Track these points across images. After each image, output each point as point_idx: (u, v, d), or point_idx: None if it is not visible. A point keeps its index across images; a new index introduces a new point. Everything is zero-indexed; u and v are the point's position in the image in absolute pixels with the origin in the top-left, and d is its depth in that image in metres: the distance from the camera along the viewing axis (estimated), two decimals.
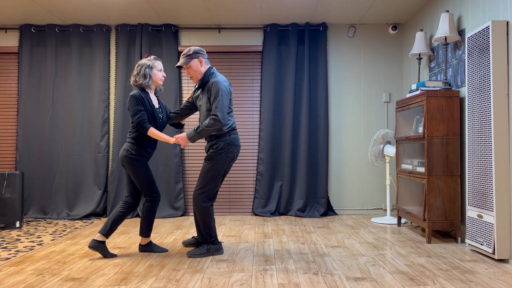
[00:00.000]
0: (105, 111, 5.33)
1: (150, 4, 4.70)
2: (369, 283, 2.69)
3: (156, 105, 3.50)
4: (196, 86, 3.43)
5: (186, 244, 3.69)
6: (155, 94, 3.56)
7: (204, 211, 3.33)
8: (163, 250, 3.52)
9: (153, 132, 3.31)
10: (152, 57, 3.50)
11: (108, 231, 3.34)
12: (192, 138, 3.27)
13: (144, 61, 3.44)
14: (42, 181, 5.28)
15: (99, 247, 3.33)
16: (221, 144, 3.30)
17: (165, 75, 3.54)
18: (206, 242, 3.39)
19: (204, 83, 3.37)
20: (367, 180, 5.42)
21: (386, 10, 4.95)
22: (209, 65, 3.43)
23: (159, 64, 3.48)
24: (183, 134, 3.31)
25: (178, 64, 3.40)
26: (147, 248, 3.50)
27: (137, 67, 3.43)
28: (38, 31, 5.38)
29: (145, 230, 3.47)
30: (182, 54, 3.41)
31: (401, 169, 4.51)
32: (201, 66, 3.38)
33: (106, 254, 3.34)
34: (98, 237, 3.34)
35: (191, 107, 3.61)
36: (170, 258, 3.33)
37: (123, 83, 5.32)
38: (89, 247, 3.30)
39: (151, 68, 3.43)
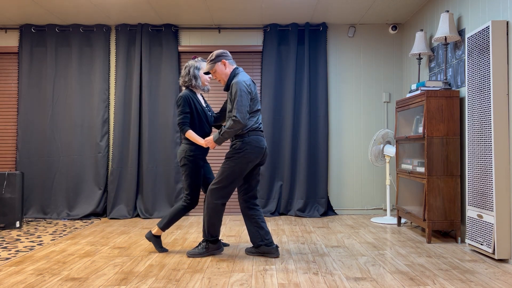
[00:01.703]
0: (105, 111, 5.34)
1: (150, 4, 4.70)
2: (369, 283, 2.69)
3: (203, 104, 3.59)
4: (224, 89, 3.44)
5: (249, 252, 3.49)
6: (201, 94, 3.66)
7: (214, 207, 3.31)
8: (163, 250, 3.52)
9: (190, 134, 3.41)
10: (199, 58, 3.60)
11: (164, 226, 3.48)
12: (218, 141, 3.29)
13: (191, 62, 3.54)
14: (42, 181, 5.28)
15: (151, 239, 3.54)
16: (239, 144, 3.27)
17: (211, 76, 3.59)
18: (205, 241, 3.39)
19: (228, 85, 3.37)
20: (367, 180, 5.42)
21: (386, 10, 4.95)
22: (235, 66, 3.42)
23: (204, 65, 3.57)
24: (210, 137, 3.35)
25: (204, 70, 3.44)
26: (153, 240, 3.52)
27: (185, 68, 3.54)
28: (38, 31, 5.38)
29: (164, 224, 3.48)
30: (207, 60, 3.44)
31: (401, 169, 4.51)
32: (225, 68, 3.36)
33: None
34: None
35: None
36: (170, 258, 3.33)
37: (123, 83, 5.32)
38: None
39: (198, 69, 3.53)
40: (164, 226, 3.47)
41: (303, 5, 4.75)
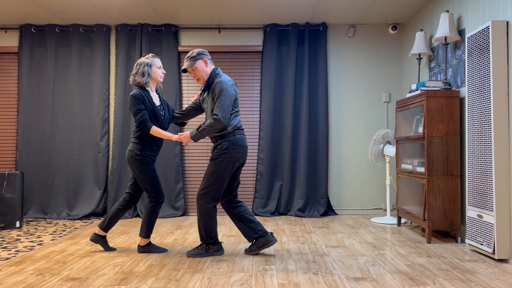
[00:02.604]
0: (105, 111, 5.34)
1: (150, 4, 4.70)
2: (369, 283, 2.69)
3: (157, 103, 3.50)
4: (202, 88, 3.40)
5: (248, 251, 3.45)
6: (156, 92, 3.57)
7: (207, 211, 3.30)
8: (163, 250, 3.51)
9: (155, 130, 3.33)
10: (150, 55, 3.51)
11: (106, 226, 3.51)
12: (195, 137, 3.27)
13: (142, 59, 3.46)
14: (42, 181, 5.28)
15: (99, 240, 3.55)
16: (225, 144, 3.27)
17: (164, 71, 3.56)
18: (205, 243, 3.39)
19: (209, 84, 3.35)
20: (367, 180, 5.42)
21: (386, 10, 4.95)
22: (214, 66, 3.42)
23: (157, 62, 3.49)
24: (187, 133, 3.32)
25: (184, 67, 3.38)
26: (146, 249, 3.49)
27: (136, 66, 3.45)
28: (38, 31, 5.38)
29: (145, 231, 3.45)
30: (186, 57, 3.40)
31: (401, 169, 4.51)
32: (206, 66, 3.36)
33: (106, 248, 3.55)
34: (98, 231, 3.55)
35: (198, 108, 3.59)
36: (170, 258, 3.33)
37: (123, 83, 5.32)
38: (90, 239, 3.53)
39: (150, 66, 3.44)
40: (147, 232, 3.44)
41: (303, 5, 4.75)
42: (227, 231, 4.37)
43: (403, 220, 4.89)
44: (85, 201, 5.26)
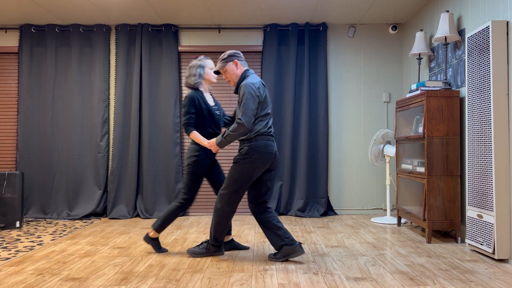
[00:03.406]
0: (105, 111, 5.34)
1: (150, 4, 4.70)
2: (369, 283, 2.69)
3: (211, 103, 3.54)
4: (234, 91, 3.36)
5: (272, 258, 3.28)
6: (210, 93, 3.63)
7: (222, 213, 3.22)
8: (163, 251, 3.52)
9: (194, 135, 3.38)
10: (202, 56, 3.55)
11: (159, 227, 3.45)
12: (220, 144, 3.19)
13: (194, 62, 3.51)
14: (42, 181, 5.28)
15: (149, 241, 3.51)
16: (245, 149, 3.17)
17: (218, 76, 3.57)
18: (209, 243, 3.35)
19: (237, 87, 3.28)
20: (367, 180, 5.42)
21: (386, 10, 4.95)
22: (246, 68, 3.32)
23: (210, 63, 3.53)
24: (213, 140, 3.26)
25: (215, 69, 3.36)
26: (150, 241, 3.48)
27: (189, 68, 3.51)
28: (38, 31, 5.38)
29: (158, 225, 3.43)
30: (219, 59, 3.34)
31: (401, 169, 4.51)
32: (236, 68, 3.28)
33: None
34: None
35: None
36: (170, 258, 3.33)
37: (123, 83, 5.32)
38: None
39: (202, 68, 3.49)
40: (159, 228, 3.43)
41: (303, 5, 4.75)
42: None
43: (403, 220, 4.89)
44: (85, 201, 5.26)
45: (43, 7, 4.81)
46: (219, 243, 3.34)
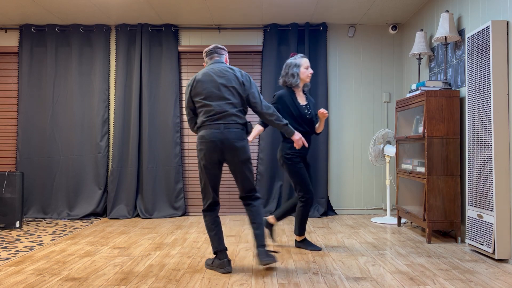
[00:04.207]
0: (105, 111, 5.34)
1: (150, 4, 4.70)
2: (369, 283, 2.69)
3: (302, 102, 3.55)
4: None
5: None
6: (303, 91, 3.63)
7: (204, 216, 3.08)
8: (316, 249, 3.53)
9: (253, 129, 3.37)
10: (299, 55, 3.57)
11: (300, 230, 3.57)
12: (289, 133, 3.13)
13: (290, 60, 3.52)
14: (42, 181, 5.28)
15: (268, 226, 3.68)
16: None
17: (312, 71, 3.61)
18: (215, 252, 3.03)
19: None
20: (367, 180, 5.42)
21: (386, 10, 4.95)
22: (209, 63, 3.12)
23: (305, 62, 3.54)
24: (298, 135, 3.16)
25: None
26: (301, 244, 3.59)
27: (285, 67, 3.53)
28: (38, 31, 5.38)
29: (298, 229, 3.55)
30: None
31: (401, 169, 4.51)
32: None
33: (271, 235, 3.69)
34: (272, 219, 3.64)
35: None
36: (170, 258, 3.33)
37: (123, 83, 5.32)
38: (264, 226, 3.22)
39: (298, 67, 3.51)
40: (301, 231, 3.55)
41: (303, 5, 4.75)
42: (227, 231, 4.37)
43: (403, 220, 4.89)
44: (85, 201, 5.26)
45: (43, 7, 4.81)
46: (216, 251, 3.00)
